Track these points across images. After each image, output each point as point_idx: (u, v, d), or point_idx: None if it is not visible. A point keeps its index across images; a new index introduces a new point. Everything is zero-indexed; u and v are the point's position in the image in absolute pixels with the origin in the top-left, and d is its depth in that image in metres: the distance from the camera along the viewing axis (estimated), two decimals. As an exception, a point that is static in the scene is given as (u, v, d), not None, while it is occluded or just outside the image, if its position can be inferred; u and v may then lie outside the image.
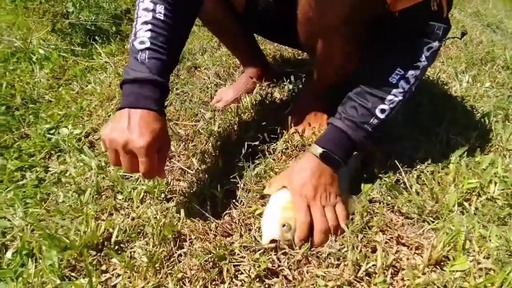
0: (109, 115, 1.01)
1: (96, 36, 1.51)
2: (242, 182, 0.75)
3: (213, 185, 0.74)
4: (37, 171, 0.85)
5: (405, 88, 0.67)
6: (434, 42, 0.65)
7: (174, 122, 0.96)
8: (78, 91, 1.16)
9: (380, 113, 0.67)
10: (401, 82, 0.66)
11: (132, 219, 0.68)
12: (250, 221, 0.68)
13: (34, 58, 1.40)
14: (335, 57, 0.77)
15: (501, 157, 0.78)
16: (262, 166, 0.79)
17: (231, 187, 0.75)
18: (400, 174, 0.70)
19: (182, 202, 0.72)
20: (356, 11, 0.63)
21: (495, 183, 0.70)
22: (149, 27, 0.64)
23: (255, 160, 0.82)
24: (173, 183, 0.77)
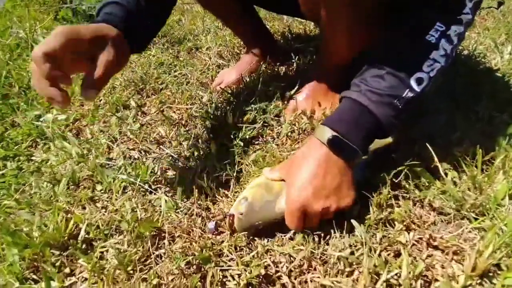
0: (101, 100, 0.92)
1: (98, 23, 1.45)
2: (235, 170, 0.63)
3: (204, 174, 0.63)
4: (20, 160, 0.78)
5: (447, 50, 0.51)
6: None
7: (168, 106, 0.86)
8: (72, 77, 1.09)
9: (416, 84, 0.50)
10: (442, 42, 0.51)
11: (108, 213, 0.59)
12: (244, 217, 0.57)
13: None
14: (342, 28, 0.61)
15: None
16: (262, 152, 0.67)
17: (225, 176, 0.64)
18: (433, 159, 0.55)
19: (168, 194, 0.62)
20: None
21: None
22: None
23: (256, 146, 0.71)
24: (160, 172, 0.67)
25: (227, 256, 0.51)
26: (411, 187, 0.54)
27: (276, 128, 0.74)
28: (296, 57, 0.94)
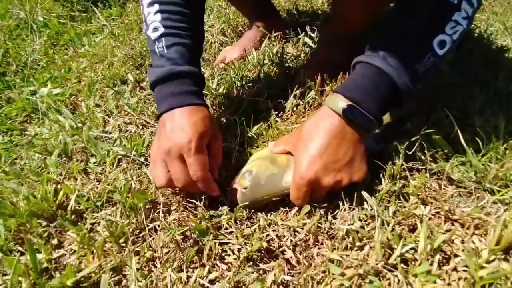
0: (98, 76, 0.88)
1: (98, 2, 1.41)
2: (237, 143, 0.59)
3: (203, 147, 0.59)
4: (13, 135, 0.75)
5: (468, 13, 0.47)
6: None
7: (167, 81, 0.82)
8: (71, 55, 1.06)
9: (439, 47, 0.46)
10: (464, 3, 0.47)
11: (101, 185, 0.55)
12: (246, 190, 0.53)
13: (35, 27, 1.34)
14: None
15: None
16: (265, 126, 0.63)
17: (225, 149, 0.60)
18: (451, 127, 0.51)
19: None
20: None
21: None
22: (157, 8, 0.53)
23: (259, 120, 0.67)
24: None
25: (227, 229, 0.47)
26: (427, 158, 0.49)
27: (281, 103, 0.70)
28: (303, 32, 0.89)
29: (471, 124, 0.54)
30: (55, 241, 0.47)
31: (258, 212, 0.50)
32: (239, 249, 0.45)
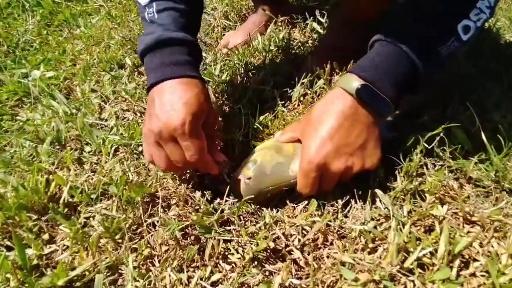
0: (94, 59, 0.84)
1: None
2: (241, 134, 0.56)
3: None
4: (3, 120, 0.71)
5: (491, 2, 0.44)
6: None
7: (167, 66, 0.78)
8: (66, 36, 1.00)
9: (463, 33, 0.43)
10: None
11: (96, 176, 0.52)
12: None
13: (27, 6, 1.27)
14: None
15: None
16: (271, 115, 0.59)
17: (228, 140, 0.56)
18: (470, 122, 0.47)
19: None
20: None
21: None
22: None
23: (264, 109, 0.63)
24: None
25: (230, 226, 0.44)
26: (446, 155, 0.46)
27: (287, 92, 0.66)
28: (311, 18, 0.84)
29: (490, 120, 0.51)
30: (46, 236, 0.44)
31: (264, 208, 0.47)
32: (244, 248, 0.42)
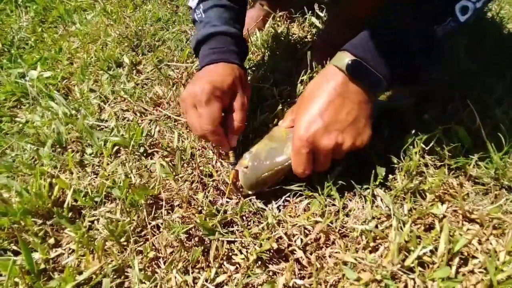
0: (92, 58, 0.83)
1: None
2: (242, 134, 0.56)
3: (206, 138, 0.56)
4: (2, 121, 0.71)
5: None
6: None
7: (166, 63, 0.77)
8: (61, 34, 0.99)
9: (460, 13, 0.42)
10: None
11: (98, 179, 0.52)
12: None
13: (20, 2, 1.25)
14: None
15: None
16: (271, 114, 0.59)
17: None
18: (471, 120, 0.48)
19: (165, 159, 0.55)
20: None
21: None
22: None
23: (264, 107, 0.63)
24: (157, 135, 0.60)
25: (233, 227, 0.45)
26: (446, 153, 0.47)
27: (287, 89, 0.66)
28: (310, 12, 0.84)
29: (491, 117, 0.51)
30: (52, 240, 0.45)
31: (266, 208, 0.48)
32: (247, 249, 0.43)
